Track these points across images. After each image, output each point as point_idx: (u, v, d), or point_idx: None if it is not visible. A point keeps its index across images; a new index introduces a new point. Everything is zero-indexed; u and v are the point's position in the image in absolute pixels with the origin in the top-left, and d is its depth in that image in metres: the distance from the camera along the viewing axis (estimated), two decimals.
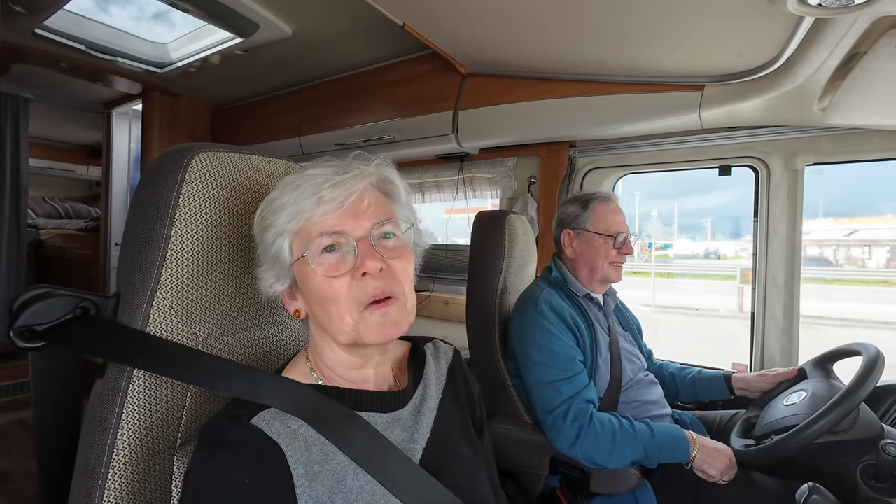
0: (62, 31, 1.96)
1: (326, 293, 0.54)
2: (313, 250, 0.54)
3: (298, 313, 0.59)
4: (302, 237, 0.55)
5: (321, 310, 0.55)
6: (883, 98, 1.11)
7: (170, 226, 0.56)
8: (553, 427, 1.12)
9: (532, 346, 1.19)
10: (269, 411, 0.53)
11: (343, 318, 0.54)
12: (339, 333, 0.55)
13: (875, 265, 17.20)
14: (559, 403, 1.12)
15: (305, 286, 0.56)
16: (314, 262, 0.54)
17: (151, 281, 0.55)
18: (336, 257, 0.54)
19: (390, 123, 2.07)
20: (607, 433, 1.07)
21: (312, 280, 0.54)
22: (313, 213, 0.54)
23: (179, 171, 0.57)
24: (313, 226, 0.54)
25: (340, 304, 0.54)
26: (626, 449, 1.06)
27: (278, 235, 0.55)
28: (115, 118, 3.09)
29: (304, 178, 0.55)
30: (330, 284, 0.54)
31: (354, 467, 0.54)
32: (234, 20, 1.73)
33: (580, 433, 1.08)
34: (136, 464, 0.54)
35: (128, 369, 0.54)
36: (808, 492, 0.82)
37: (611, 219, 1.31)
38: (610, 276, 1.31)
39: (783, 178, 1.58)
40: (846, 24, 0.87)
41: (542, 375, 1.15)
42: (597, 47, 1.42)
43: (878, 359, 1.01)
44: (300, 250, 0.55)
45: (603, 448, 1.07)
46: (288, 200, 0.54)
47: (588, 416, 1.09)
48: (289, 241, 0.56)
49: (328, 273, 0.54)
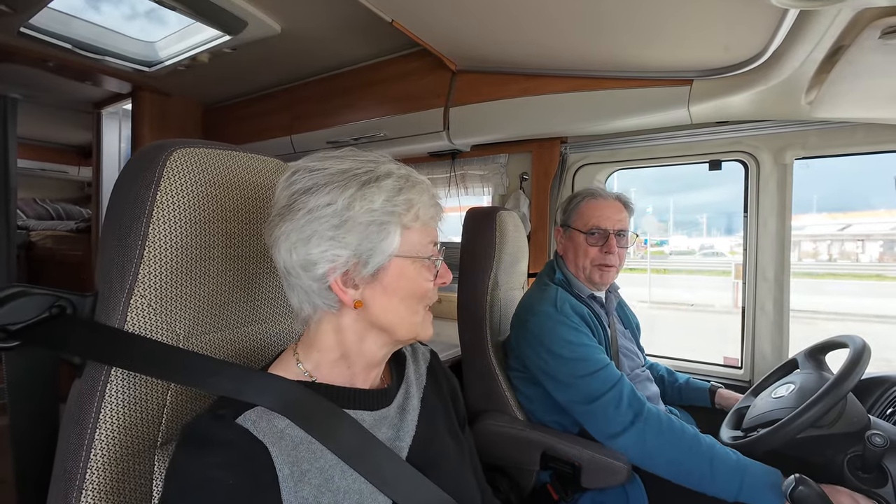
0: (48, 30, 1.93)
1: (417, 292, 0.59)
2: (429, 252, 0.59)
3: (360, 304, 0.57)
4: (415, 236, 0.58)
5: (402, 305, 0.58)
6: (867, 91, 1.11)
7: (147, 223, 0.55)
8: (602, 414, 1.03)
9: (558, 342, 1.13)
10: (254, 410, 0.52)
11: (417, 314, 0.60)
12: (403, 328, 0.59)
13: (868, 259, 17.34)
14: (608, 388, 1.04)
15: (400, 280, 0.57)
16: (424, 263, 0.59)
17: (129, 279, 0.55)
18: (435, 264, 0.61)
19: (381, 121, 2.06)
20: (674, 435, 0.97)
21: (415, 278, 0.58)
22: (433, 219, 0.61)
23: (157, 168, 0.57)
24: (429, 231, 0.61)
25: (422, 302, 0.61)
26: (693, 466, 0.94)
27: (395, 224, 0.56)
28: (105, 118, 3.06)
29: (422, 181, 0.60)
30: (429, 286, 0.60)
31: (342, 465, 0.54)
32: (222, 18, 1.71)
33: (635, 419, 1.00)
34: (114, 463, 0.54)
35: (105, 368, 0.53)
36: (794, 483, 0.83)
37: (591, 213, 1.24)
38: (593, 277, 1.24)
39: (772, 172, 1.59)
40: (830, 17, 0.87)
41: (579, 368, 1.09)
42: (585, 43, 1.41)
43: (863, 351, 1.02)
44: (410, 247, 0.58)
45: (663, 452, 0.96)
46: (417, 199, 0.58)
47: (643, 402, 1.01)
48: (399, 232, 0.56)
49: (430, 277, 0.60)
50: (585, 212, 1.26)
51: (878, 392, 1.28)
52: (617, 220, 1.25)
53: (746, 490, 0.90)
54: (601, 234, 1.23)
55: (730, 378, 1.70)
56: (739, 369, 1.70)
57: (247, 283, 0.67)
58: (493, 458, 1.25)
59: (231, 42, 1.90)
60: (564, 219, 1.33)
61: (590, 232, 1.23)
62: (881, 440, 0.87)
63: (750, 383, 1.62)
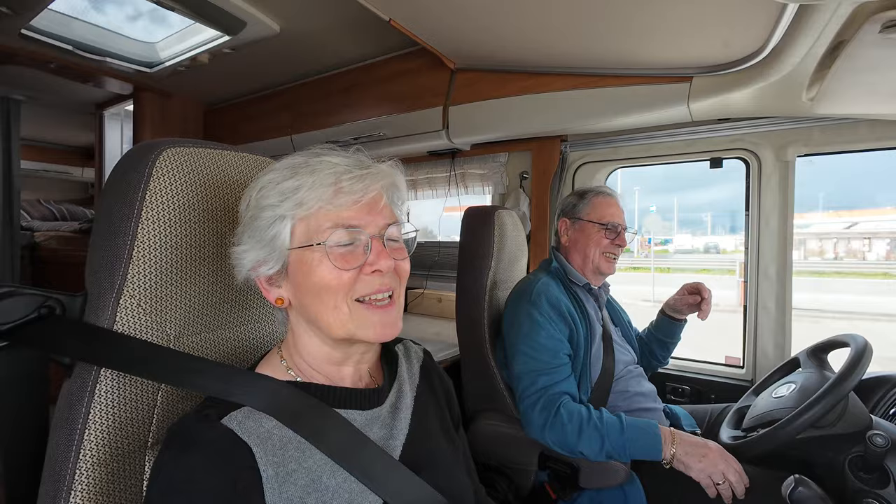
0: (49, 32, 1.95)
1: (330, 283, 0.53)
2: (330, 241, 0.53)
3: (281, 301, 0.57)
4: (310, 224, 0.54)
5: (317, 300, 0.54)
6: (868, 86, 1.10)
7: (136, 223, 0.55)
8: (524, 414, 1.14)
9: (520, 335, 1.20)
10: (241, 410, 0.52)
11: (339, 308, 0.54)
12: (332, 326, 0.55)
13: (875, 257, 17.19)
14: (532, 392, 1.13)
15: (303, 274, 0.54)
16: (327, 252, 0.53)
17: (118, 279, 0.55)
18: (348, 249, 0.54)
19: (381, 120, 2.06)
20: (574, 424, 1.07)
21: (316, 268, 0.53)
22: (330, 202, 0.53)
23: (146, 167, 0.57)
24: (327, 215, 0.54)
25: (339, 295, 0.54)
26: (592, 441, 1.06)
27: (280, 218, 0.54)
28: (108, 119, 3.08)
29: (321, 164, 0.54)
30: (337, 275, 0.53)
31: (331, 465, 0.54)
32: (221, 18, 1.71)
33: (546, 422, 1.09)
34: (104, 464, 0.53)
35: (95, 368, 0.53)
36: (793, 484, 0.81)
37: (605, 210, 1.33)
38: (601, 266, 1.32)
39: (774, 169, 1.57)
40: (829, 11, 0.86)
41: (525, 365, 1.17)
42: (585, 40, 1.40)
43: (864, 350, 1.01)
44: (305, 237, 0.54)
45: (570, 438, 1.07)
46: (301, 184, 0.53)
47: (556, 406, 1.10)
48: (290, 226, 0.54)
49: (339, 264, 0.53)
50: (599, 207, 1.34)
51: (880, 392, 1.26)
52: (623, 217, 1.36)
53: (630, 446, 1.04)
54: (613, 227, 1.32)
55: (732, 377, 1.69)
56: (741, 368, 1.68)
57: (236, 283, 0.67)
58: (491, 457, 1.24)
59: (231, 42, 1.90)
60: (574, 212, 1.37)
61: (605, 225, 1.31)
62: (883, 440, 0.86)
63: (752, 382, 1.61)
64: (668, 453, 1.02)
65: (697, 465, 1.00)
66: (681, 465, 1.02)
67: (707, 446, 1.02)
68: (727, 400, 1.46)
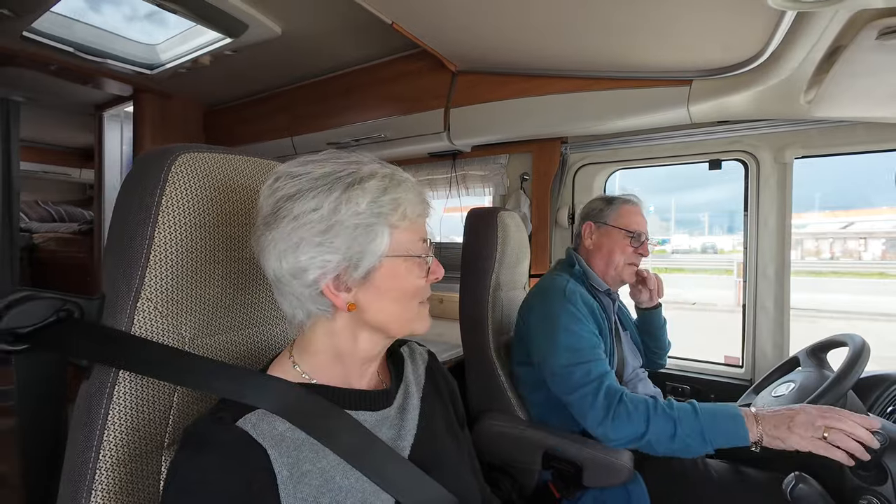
0: (50, 34, 1.95)
1: (409, 290, 0.59)
2: (418, 249, 0.59)
3: (354, 306, 0.57)
4: (403, 236, 0.58)
5: (395, 305, 0.59)
6: (865, 90, 1.12)
7: (153, 227, 0.56)
8: (582, 404, 1.06)
9: (561, 329, 1.15)
10: (255, 413, 0.53)
11: (410, 310, 0.60)
12: (397, 325, 0.60)
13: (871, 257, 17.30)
14: (590, 381, 1.07)
15: (392, 279, 0.58)
16: (415, 261, 0.59)
17: (135, 283, 0.55)
18: (426, 261, 0.60)
19: (382, 122, 2.07)
20: (640, 412, 1.00)
21: (405, 276, 0.58)
22: (421, 216, 0.60)
23: (162, 173, 0.58)
24: (417, 229, 0.60)
25: (416, 299, 0.61)
26: (663, 427, 0.97)
27: (384, 226, 0.56)
28: (107, 120, 3.07)
29: (407, 179, 0.60)
30: (419, 282, 0.60)
31: (344, 466, 0.55)
32: (223, 20, 1.72)
33: (608, 412, 1.02)
34: (123, 464, 0.54)
35: (113, 371, 0.54)
36: (794, 481, 0.83)
37: (632, 218, 1.33)
38: (624, 274, 1.32)
39: (772, 171, 1.60)
40: (827, 18, 0.88)
41: (572, 357, 1.11)
42: (585, 43, 1.42)
43: (862, 350, 1.02)
44: (401, 247, 0.57)
45: (637, 426, 0.99)
46: (404, 198, 0.57)
47: (619, 394, 1.04)
48: (388, 232, 0.56)
49: (423, 273, 0.60)
50: (626, 214, 1.33)
51: (878, 390, 1.28)
52: (647, 227, 1.36)
53: (708, 432, 0.93)
54: (639, 236, 1.32)
55: (731, 377, 1.71)
56: (741, 368, 1.70)
57: (250, 285, 0.68)
58: (495, 457, 1.26)
59: (232, 44, 1.91)
60: (600, 216, 1.36)
61: (632, 233, 1.31)
62: (881, 438, 0.87)
63: (751, 382, 1.63)
64: (754, 434, 0.90)
65: (793, 434, 0.86)
66: (775, 441, 0.88)
67: (791, 409, 0.90)
68: (727, 399, 1.48)
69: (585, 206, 1.43)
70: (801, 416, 0.86)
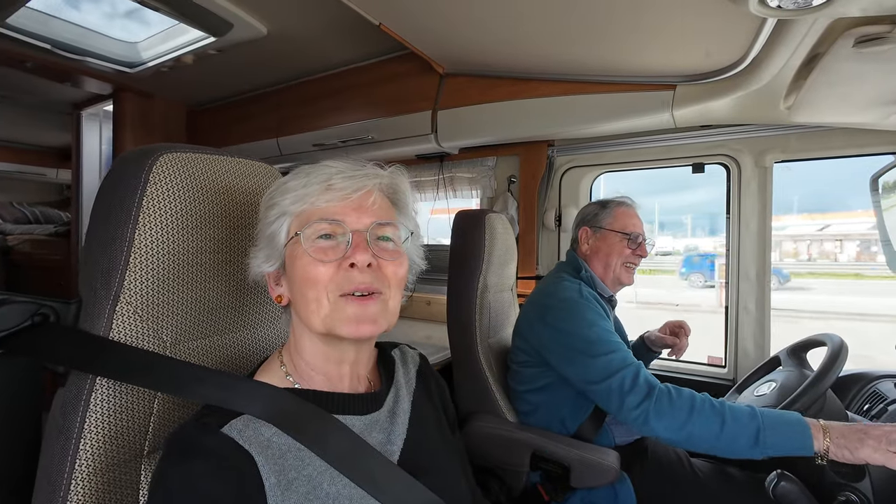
0: (26, 30, 1.89)
1: (309, 275, 0.54)
2: (308, 232, 0.55)
3: (280, 299, 0.60)
4: (301, 220, 0.56)
5: (301, 294, 0.56)
6: (843, 96, 1.15)
7: (133, 228, 0.55)
8: (621, 387, 1.01)
9: (581, 322, 1.15)
10: (241, 419, 0.52)
11: (320, 302, 0.54)
12: (313, 320, 0.55)
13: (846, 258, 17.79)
14: (626, 365, 1.04)
15: (291, 268, 0.57)
16: (306, 244, 0.55)
17: (114, 285, 0.54)
18: (329, 244, 0.55)
19: (369, 124, 2.05)
20: (683, 402, 0.95)
21: (299, 261, 0.55)
22: (318, 198, 0.56)
23: (143, 173, 0.56)
24: (315, 210, 0.56)
25: (319, 287, 0.54)
26: (708, 421, 0.92)
27: (280, 215, 0.57)
28: (85, 119, 2.99)
29: (318, 166, 0.58)
30: (315, 267, 0.54)
31: (332, 472, 0.54)
32: (207, 19, 1.69)
33: (651, 395, 0.98)
34: (100, 473, 0.53)
35: (90, 377, 0.53)
36: (776, 479, 0.85)
37: (628, 220, 1.35)
38: (622, 277, 1.33)
39: (753, 174, 1.63)
40: (805, 26, 0.90)
41: (605, 347, 1.09)
42: (572, 47, 1.43)
43: (841, 349, 1.05)
44: (298, 230, 0.56)
45: (679, 415, 0.94)
46: (298, 184, 0.56)
47: (656, 385, 1.00)
48: (288, 223, 0.57)
49: (317, 256, 0.54)
50: (621, 217, 1.35)
51: (855, 388, 1.32)
52: (643, 228, 1.38)
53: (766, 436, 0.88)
54: (635, 238, 1.33)
55: (714, 377, 1.73)
56: (723, 368, 1.73)
57: (234, 288, 0.67)
58: (483, 459, 1.25)
59: (216, 44, 1.87)
60: (596, 220, 1.37)
61: (628, 235, 1.32)
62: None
63: (733, 381, 1.66)
64: (820, 446, 0.86)
65: (864, 447, 0.83)
66: (842, 451, 0.85)
67: (862, 425, 0.87)
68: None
69: (580, 211, 1.44)
70: (875, 430, 0.84)
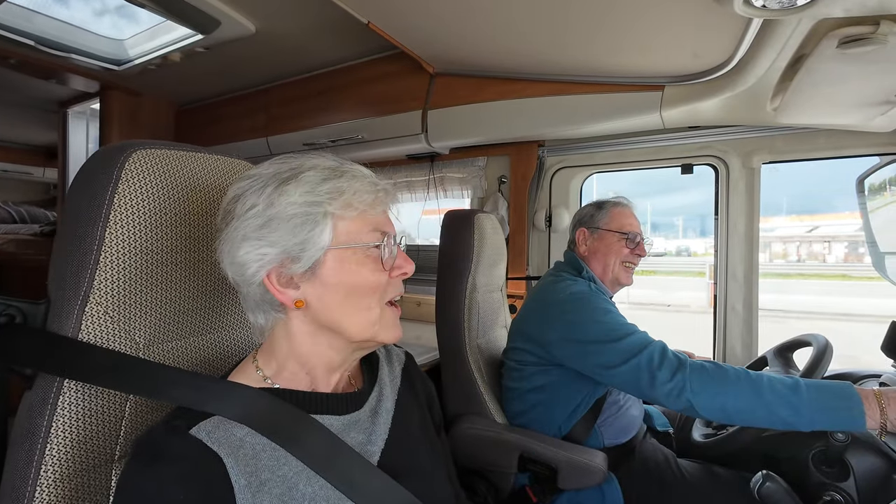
0: (8, 26, 1.85)
1: (370, 284, 0.55)
2: (367, 239, 0.56)
3: (302, 303, 0.55)
4: (351, 226, 0.55)
5: (348, 301, 0.55)
6: (828, 98, 1.16)
7: (104, 226, 0.53)
8: (647, 366, 0.98)
9: (599, 312, 1.14)
10: (211, 420, 0.50)
11: (371, 310, 0.56)
12: (354, 327, 0.56)
13: (834, 259, 18.04)
14: (648, 343, 1.03)
15: (341, 274, 0.54)
16: (364, 251, 0.55)
17: (83, 285, 0.52)
18: (379, 253, 0.56)
19: (359, 123, 2.04)
20: (718, 372, 0.92)
21: (358, 269, 0.55)
22: (372, 207, 0.56)
23: (115, 170, 0.55)
24: (367, 219, 0.56)
25: (375, 296, 0.56)
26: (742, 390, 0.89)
27: (324, 215, 0.53)
28: (72, 118, 2.95)
29: (355, 170, 0.57)
30: (374, 275, 0.56)
31: (308, 472, 0.53)
32: (194, 16, 1.67)
33: (681, 366, 0.96)
34: (68, 479, 0.51)
35: (58, 379, 0.51)
36: (761, 479, 0.85)
37: (624, 220, 1.35)
38: (620, 277, 1.33)
39: (741, 175, 1.64)
40: (790, 27, 0.90)
41: (621, 330, 1.08)
42: (561, 48, 1.43)
43: (826, 349, 1.06)
44: (347, 237, 0.55)
45: (711, 388, 0.91)
46: (347, 186, 0.55)
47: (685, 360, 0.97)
48: (331, 225, 0.54)
49: (377, 266, 0.56)
50: (618, 217, 1.34)
51: None
52: (640, 228, 1.37)
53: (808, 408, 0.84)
54: (633, 237, 1.33)
55: None
56: None
57: (212, 288, 0.65)
58: (471, 461, 1.24)
59: (204, 41, 1.85)
60: (592, 221, 1.36)
61: (626, 234, 1.32)
62: (843, 436, 0.90)
63: None
64: (874, 421, 0.81)
65: None
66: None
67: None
68: None
69: (577, 213, 1.43)
70: None
